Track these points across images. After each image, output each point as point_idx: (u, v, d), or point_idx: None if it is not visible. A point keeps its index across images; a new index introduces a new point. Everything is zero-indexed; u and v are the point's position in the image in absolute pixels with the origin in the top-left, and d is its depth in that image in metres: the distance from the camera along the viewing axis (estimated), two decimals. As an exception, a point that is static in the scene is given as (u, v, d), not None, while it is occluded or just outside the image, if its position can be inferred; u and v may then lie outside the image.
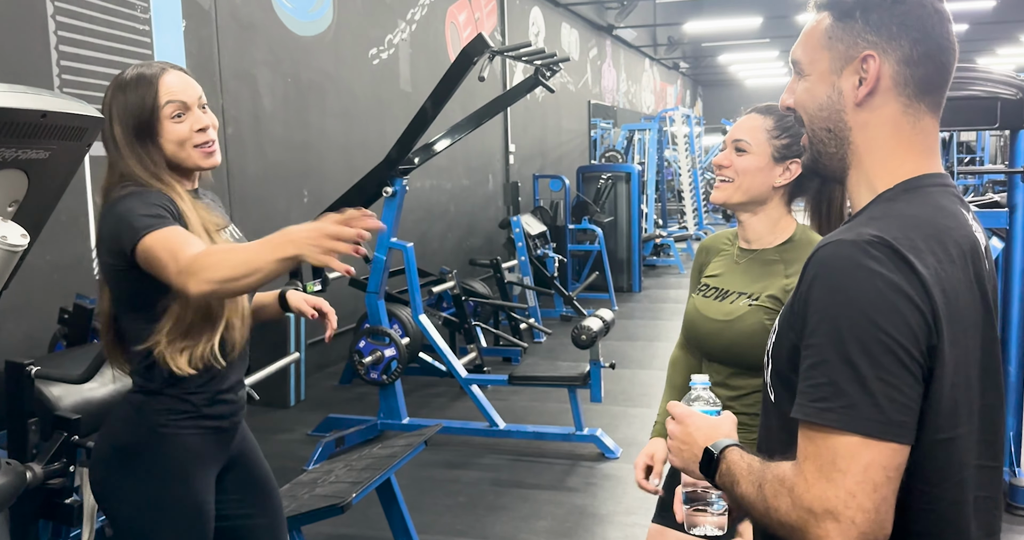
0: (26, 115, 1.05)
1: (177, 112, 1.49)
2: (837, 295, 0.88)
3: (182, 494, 1.53)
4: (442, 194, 7.57)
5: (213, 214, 1.58)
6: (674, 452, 1.08)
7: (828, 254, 0.91)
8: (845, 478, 0.84)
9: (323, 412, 4.52)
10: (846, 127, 1.00)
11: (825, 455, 0.86)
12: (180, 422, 1.53)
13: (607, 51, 14.00)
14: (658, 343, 6.30)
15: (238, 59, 4.82)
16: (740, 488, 0.95)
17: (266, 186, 5.08)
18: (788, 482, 0.89)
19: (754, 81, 25.34)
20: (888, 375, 0.85)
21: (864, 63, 0.97)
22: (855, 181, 1.02)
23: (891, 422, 0.85)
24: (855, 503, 0.84)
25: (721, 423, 1.08)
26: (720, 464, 0.99)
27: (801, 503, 0.87)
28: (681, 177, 12.07)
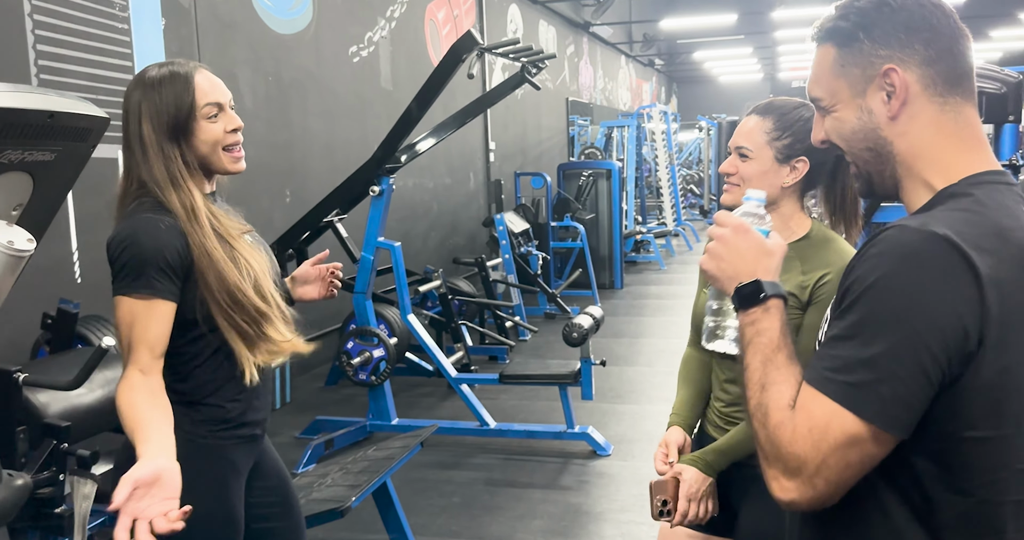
0: (33, 116, 1.01)
1: (213, 113, 1.46)
2: (887, 281, 0.87)
3: (219, 505, 1.49)
4: (424, 193, 7.53)
5: (232, 220, 1.54)
6: (713, 257, 1.05)
7: (891, 237, 0.90)
8: (828, 448, 0.88)
9: (310, 414, 4.47)
10: (886, 142, 0.99)
11: (818, 420, 0.89)
12: (220, 433, 1.50)
13: (584, 48, 14.02)
14: (643, 339, 6.31)
15: (219, 58, 4.75)
16: (751, 357, 0.97)
17: (248, 186, 5.01)
18: (777, 419, 0.92)
19: (728, 78, 25.51)
20: (903, 372, 0.85)
21: (887, 77, 0.97)
22: (911, 188, 1.00)
23: (887, 414, 0.86)
24: (825, 473, 0.88)
25: (774, 251, 1.05)
26: (756, 308, 0.99)
27: (778, 450, 0.91)
28: (659, 173, 12.12)
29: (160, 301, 1.39)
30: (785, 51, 20.25)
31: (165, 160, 1.43)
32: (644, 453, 3.86)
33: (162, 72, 1.46)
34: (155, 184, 1.43)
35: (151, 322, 1.39)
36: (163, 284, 1.39)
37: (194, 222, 1.43)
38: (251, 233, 1.61)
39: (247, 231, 1.56)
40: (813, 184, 1.59)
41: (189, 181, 1.46)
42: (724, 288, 1.04)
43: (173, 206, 1.43)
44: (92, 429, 2.52)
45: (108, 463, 2.61)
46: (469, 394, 4.15)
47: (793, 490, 0.90)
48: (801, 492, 0.89)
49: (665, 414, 1.85)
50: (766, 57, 21.81)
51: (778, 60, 22.54)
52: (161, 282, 1.38)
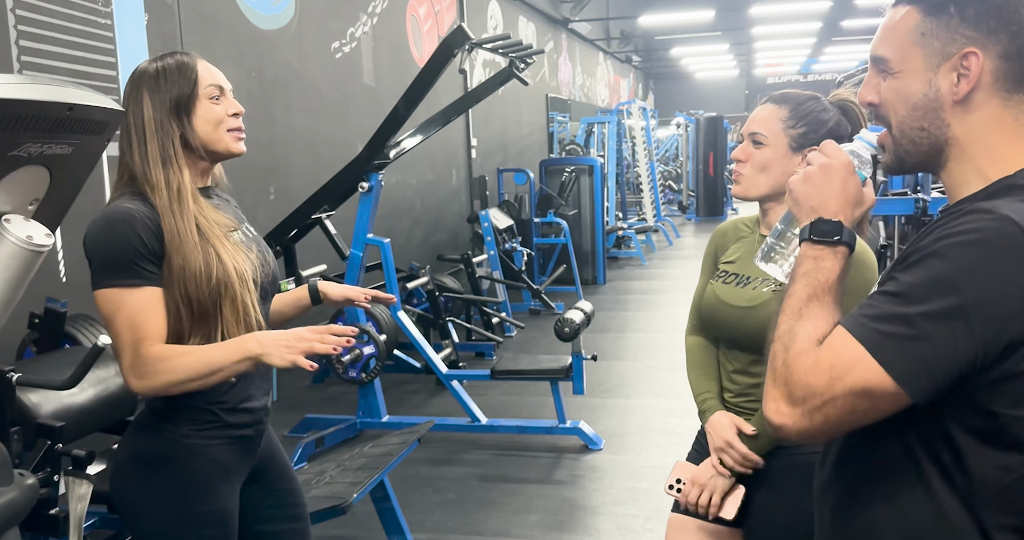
0: (54, 108, 1.00)
1: (215, 94, 1.48)
2: (949, 250, 0.87)
3: (207, 506, 1.47)
4: (408, 189, 7.50)
5: (222, 215, 1.52)
6: (807, 181, 1.03)
7: (963, 215, 0.90)
8: (842, 389, 0.88)
9: (297, 413, 4.44)
10: (943, 124, 0.98)
11: (843, 360, 0.89)
12: (204, 432, 1.48)
13: (563, 44, 14.03)
14: (628, 334, 6.34)
15: (201, 53, 4.62)
16: (798, 286, 0.97)
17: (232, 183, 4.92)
18: (802, 347, 0.92)
19: (704, 74, 25.68)
20: (937, 338, 0.86)
21: (964, 60, 0.95)
22: (958, 172, 1.00)
23: (911, 372, 0.87)
24: (827, 411, 0.89)
25: (865, 202, 1.04)
26: (826, 248, 0.98)
27: (791, 375, 0.91)
28: (638, 169, 12.17)
29: (153, 288, 1.38)
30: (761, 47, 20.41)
31: (163, 136, 1.42)
32: (636, 446, 3.88)
33: (165, 60, 1.48)
34: (145, 165, 1.41)
35: (153, 306, 1.37)
36: (150, 271, 1.38)
37: (175, 203, 1.41)
38: (245, 229, 1.58)
39: (234, 228, 1.53)
40: None
41: (182, 160, 1.45)
42: (801, 215, 1.03)
43: (158, 187, 1.41)
44: (85, 429, 2.49)
45: (102, 463, 2.59)
46: (460, 390, 4.14)
47: (789, 416, 0.91)
48: (796, 420, 0.90)
49: (655, 408, 1.85)
50: (742, 54, 21.97)
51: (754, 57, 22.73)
52: (148, 269, 1.38)
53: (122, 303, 1.36)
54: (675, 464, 1.70)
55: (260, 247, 1.59)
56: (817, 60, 23.64)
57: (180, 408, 1.46)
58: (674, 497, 1.69)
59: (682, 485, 1.66)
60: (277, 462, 1.67)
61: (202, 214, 1.46)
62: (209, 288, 1.41)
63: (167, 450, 1.46)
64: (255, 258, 1.52)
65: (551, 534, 3.03)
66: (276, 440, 1.71)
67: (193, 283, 1.40)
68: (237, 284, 1.44)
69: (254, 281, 1.49)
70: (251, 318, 1.47)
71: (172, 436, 1.46)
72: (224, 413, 1.49)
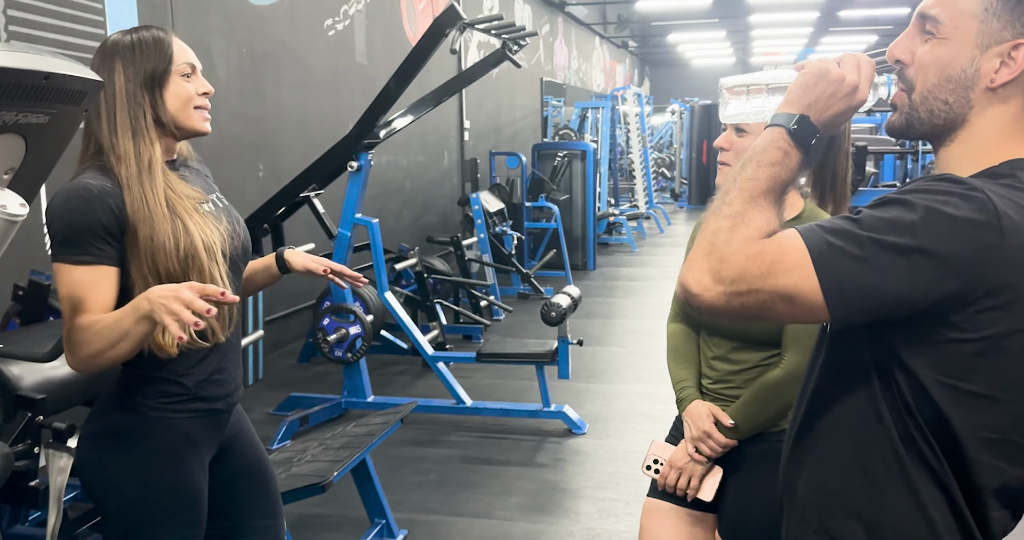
0: (29, 76, 0.98)
1: (187, 72, 1.48)
2: (918, 198, 0.89)
3: (174, 479, 1.47)
4: (398, 170, 7.47)
5: (190, 187, 1.51)
6: (821, 75, 0.99)
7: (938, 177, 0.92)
8: (771, 287, 0.89)
9: (283, 391, 4.44)
10: (967, 105, 0.98)
11: (788, 260, 0.90)
12: (172, 405, 1.48)
13: (559, 28, 13.95)
14: (616, 320, 6.36)
15: (192, 27, 4.65)
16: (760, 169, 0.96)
17: (220, 159, 4.92)
18: (749, 234, 0.92)
19: (701, 61, 25.58)
20: (879, 270, 0.87)
21: (1015, 50, 0.94)
22: (955, 153, 1.00)
23: (842, 290, 0.88)
24: (748, 300, 0.90)
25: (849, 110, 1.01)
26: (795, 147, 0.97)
27: (728, 255, 0.91)
28: (631, 156, 12.15)
29: (102, 267, 1.38)
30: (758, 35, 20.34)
31: (134, 108, 1.42)
32: (619, 431, 3.90)
33: (140, 33, 1.48)
34: (114, 135, 1.40)
35: (98, 285, 1.37)
36: (102, 250, 1.38)
37: (145, 174, 1.41)
38: (215, 199, 1.58)
39: (204, 200, 1.52)
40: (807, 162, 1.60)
41: (153, 133, 1.44)
42: (792, 98, 1.00)
43: (126, 157, 1.40)
44: (67, 402, 2.48)
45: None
46: (446, 372, 4.15)
47: (709, 290, 0.91)
48: (714, 297, 0.91)
49: (639, 394, 1.86)
50: (739, 41, 21.89)
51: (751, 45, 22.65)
52: (100, 248, 1.37)
53: (70, 278, 1.36)
54: (652, 443, 1.71)
55: (230, 217, 1.58)
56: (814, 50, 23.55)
57: (148, 381, 1.46)
58: (651, 477, 1.70)
59: (660, 466, 1.67)
60: (247, 439, 1.67)
61: (170, 187, 1.45)
62: (178, 259, 1.40)
63: (134, 423, 1.46)
64: (224, 229, 1.52)
65: (531, 516, 3.05)
66: (246, 417, 1.70)
67: (162, 254, 1.39)
68: (204, 256, 1.43)
69: (223, 253, 1.49)
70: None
71: (140, 409, 1.46)
72: (193, 386, 1.49)
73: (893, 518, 0.97)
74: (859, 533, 0.99)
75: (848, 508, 1.00)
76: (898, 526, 0.97)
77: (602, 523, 2.99)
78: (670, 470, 1.64)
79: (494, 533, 2.92)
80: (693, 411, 1.63)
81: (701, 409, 1.61)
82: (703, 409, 1.61)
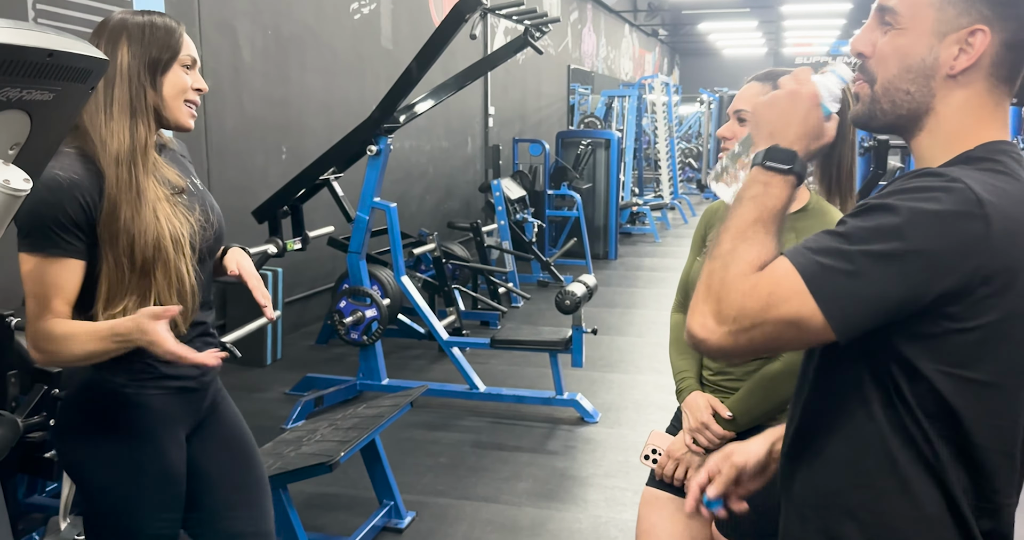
0: (33, 53, 0.99)
1: (189, 64, 1.49)
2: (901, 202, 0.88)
3: (150, 456, 1.49)
4: (421, 155, 7.48)
5: (172, 170, 1.51)
6: (771, 106, 1.02)
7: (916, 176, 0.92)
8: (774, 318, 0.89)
9: (300, 372, 4.49)
10: (930, 93, 0.98)
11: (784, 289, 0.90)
12: (140, 382, 1.48)
13: (588, 15, 13.85)
14: (635, 310, 6.34)
15: (219, 8, 4.68)
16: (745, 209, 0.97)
17: (244, 141, 4.97)
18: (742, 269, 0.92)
19: (732, 51, 25.30)
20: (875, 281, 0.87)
21: (971, 36, 0.95)
22: (927, 143, 1.00)
23: (840, 307, 0.88)
24: (753, 334, 0.90)
25: (823, 137, 1.02)
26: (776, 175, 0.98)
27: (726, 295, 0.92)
28: (658, 145, 12.06)
29: (70, 260, 1.38)
30: (791, 26, 20.07)
31: (136, 87, 1.43)
32: (631, 421, 3.90)
33: (152, 18, 1.47)
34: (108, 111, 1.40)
35: (61, 278, 1.38)
36: (70, 243, 1.37)
37: (139, 153, 1.41)
38: (189, 186, 1.56)
39: (182, 190, 1.51)
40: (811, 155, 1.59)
41: (150, 114, 1.45)
42: (758, 139, 1.02)
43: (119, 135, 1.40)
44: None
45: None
46: (460, 357, 4.17)
47: (714, 333, 0.92)
48: (720, 338, 0.92)
49: (654, 384, 1.86)
50: (771, 32, 21.61)
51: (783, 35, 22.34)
52: (68, 241, 1.37)
53: (35, 270, 1.36)
54: (651, 433, 1.72)
55: (205, 204, 1.57)
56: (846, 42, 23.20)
57: (117, 359, 1.45)
58: (649, 467, 1.70)
59: (657, 456, 1.67)
60: (225, 417, 1.65)
61: (157, 169, 1.47)
62: (153, 244, 1.41)
63: (106, 403, 1.47)
64: (195, 220, 1.51)
65: (539, 502, 3.06)
66: (227, 397, 1.69)
67: (140, 236, 1.40)
68: (171, 249, 1.44)
69: (191, 245, 1.49)
70: (184, 284, 1.48)
71: (110, 386, 1.47)
72: (160, 364, 1.48)
73: (888, 517, 0.96)
74: (856, 533, 0.98)
75: (845, 507, 0.99)
76: (894, 524, 0.97)
77: (609, 511, 3.00)
78: (668, 460, 1.64)
79: (501, 517, 2.94)
80: (692, 402, 1.63)
81: (700, 400, 1.61)
82: (702, 400, 1.61)
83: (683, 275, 1.77)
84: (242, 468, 1.66)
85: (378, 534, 2.81)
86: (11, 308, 2.41)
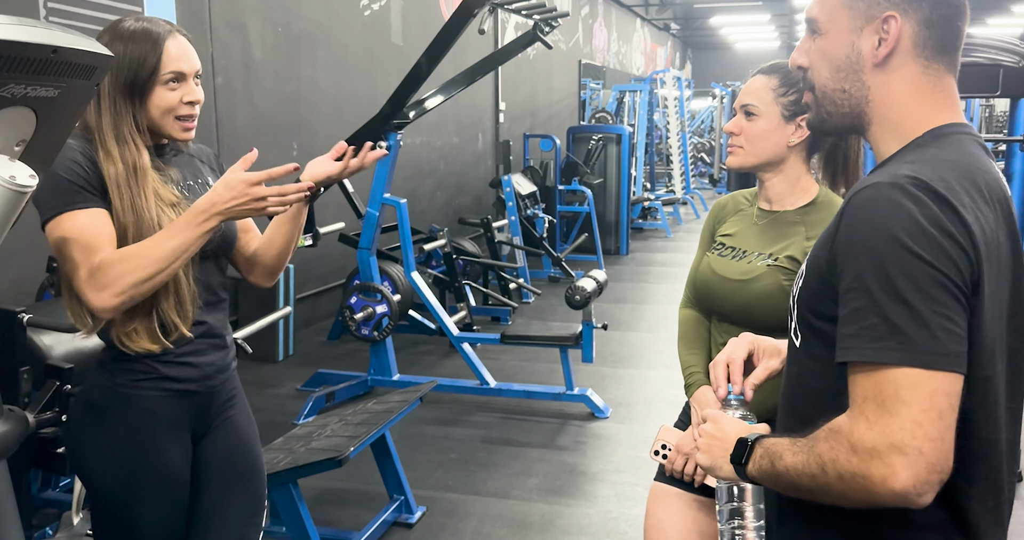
0: (37, 50, 0.99)
1: (173, 79, 1.46)
2: (879, 235, 0.87)
3: (147, 456, 1.49)
4: (432, 151, 7.48)
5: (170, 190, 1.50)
6: (703, 449, 1.08)
7: (866, 196, 0.91)
8: (910, 408, 0.84)
9: (312, 367, 4.51)
10: (864, 86, 1.01)
11: (887, 391, 0.85)
12: (141, 382, 1.49)
13: (599, 9, 13.80)
14: (646, 306, 6.33)
15: (229, 6, 4.69)
16: (784, 461, 0.94)
17: (255, 138, 4.98)
18: (845, 429, 0.88)
19: (745, 45, 25.14)
20: (941, 307, 0.85)
21: (885, 23, 0.98)
22: (879, 134, 1.03)
23: (950, 352, 0.85)
24: (922, 432, 0.83)
25: (757, 427, 1.08)
26: (756, 449, 1.00)
27: (863, 444, 0.85)
28: (670, 140, 12.01)
29: (97, 209, 1.40)
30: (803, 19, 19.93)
31: (115, 116, 1.43)
32: (641, 416, 3.89)
33: (136, 26, 1.45)
34: (100, 130, 1.43)
35: (99, 224, 1.38)
36: (91, 198, 1.40)
37: (132, 179, 1.43)
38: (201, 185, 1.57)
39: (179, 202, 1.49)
40: (819, 144, 1.59)
41: (137, 139, 1.45)
42: (720, 467, 1.05)
43: (113, 159, 1.42)
44: (95, 372, 2.54)
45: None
46: (470, 353, 4.17)
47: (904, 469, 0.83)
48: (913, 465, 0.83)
49: (665, 379, 1.85)
50: (783, 25, 21.45)
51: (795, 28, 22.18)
52: (88, 191, 1.40)
53: (71, 224, 1.36)
54: (660, 428, 1.71)
55: None
56: (861, 34, 23.08)
57: (119, 359, 1.48)
58: (659, 462, 1.70)
59: (667, 451, 1.67)
60: (234, 427, 1.63)
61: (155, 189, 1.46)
62: None
63: (105, 401, 1.48)
64: None
65: (549, 498, 3.06)
66: (244, 404, 1.66)
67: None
68: None
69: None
70: (183, 292, 1.48)
71: (111, 386, 1.48)
72: (159, 365, 1.49)
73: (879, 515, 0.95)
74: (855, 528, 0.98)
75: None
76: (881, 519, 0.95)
77: (619, 506, 3.00)
78: (677, 455, 1.64)
79: (512, 513, 2.95)
80: (700, 397, 1.62)
81: (708, 395, 1.61)
82: (710, 395, 1.60)
83: (691, 271, 1.76)
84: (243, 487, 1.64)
85: (388, 529, 2.82)
86: (23, 305, 2.43)
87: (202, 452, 1.60)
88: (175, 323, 1.47)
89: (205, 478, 1.60)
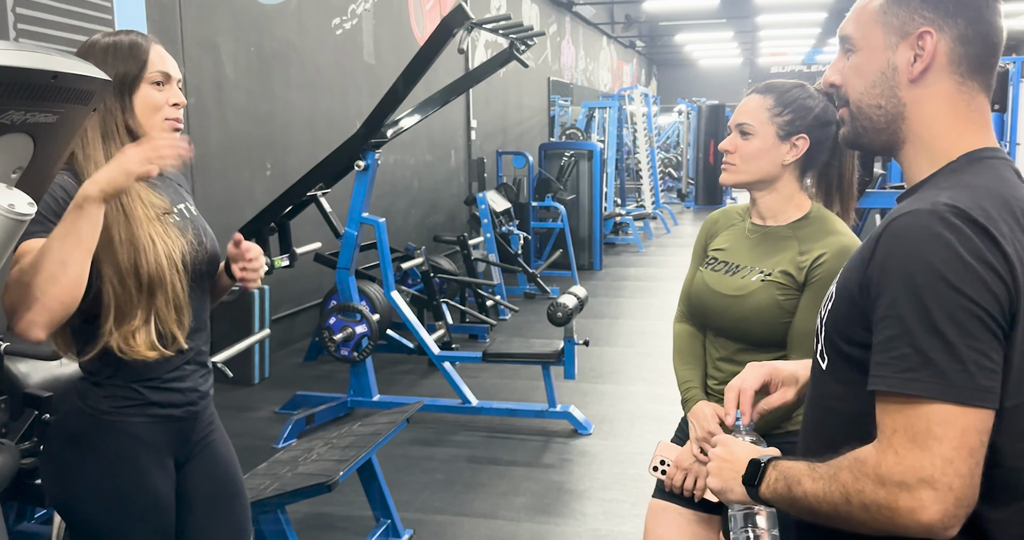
0: (38, 76, 0.98)
1: (159, 80, 1.47)
2: (917, 264, 0.87)
3: (135, 484, 1.46)
4: (406, 169, 7.47)
5: (156, 196, 1.49)
6: (714, 472, 1.08)
7: (904, 224, 0.90)
8: (942, 445, 0.84)
9: (289, 390, 4.45)
10: (900, 103, 1.01)
11: (918, 424, 0.85)
12: (124, 409, 1.46)
13: (566, 27, 13.94)
14: (622, 320, 6.35)
15: (201, 26, 4.65)
16: (803, 487, 0.94)
17: (229, 157, 4.94)
18: (872, 460, 0.88)
19: (708, 62, 25.54)
20: (976, 342, 0.85)
21: (920, 39, 0.98)
22: (912, 154, 1.03)
23: (982, 388, 0.85)
24: (952, 469, 0.83)
25: (768, 450, 1.08)
26: (769, 471, 0.99)
27: (891, 477, 0.85)
28: (638, 156, 12.13)
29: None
30: (766, 36, 20.29)
31: (104, 112, 1.42)
32: (625, 432, 3.89)
33: (118, 36, 1.47)
34: (84, 136, 1.39)
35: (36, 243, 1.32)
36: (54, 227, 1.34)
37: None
38: (184, 209, 1.56)
39: (167, 211, 1.49)
40: (813, 163, 1.60)
41: (125, 138, 1.44)
42: (731, 490, 1.05)
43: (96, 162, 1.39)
44: (74, 401, 2.48)
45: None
46: (451, 372, 4.14)
47: (933, 503, 0.83)
48: (942, 500, 0.83)
49: (646, 394, 1.85)
50: (746, 42, 21.84)
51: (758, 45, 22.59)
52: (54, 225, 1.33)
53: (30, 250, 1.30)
54: (658, 444, 1.71)
55: (196, 228, 1.56)
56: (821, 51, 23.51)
57: (102, 385, 1.44)
58: (658, 478, 1.70)
59: (666, 467, 1.67)
60: (215, 451, 1.61)
61: (138, 194, 1.44)
62: (155, 261, 1.40)
63: (88, 428, 1.44)
64: (187, 242, 1.50)
65: (537, 517, 3.04)
66: (220, 429, 1.65)
67: (143, 254, 1.39)
68: (166, 265, 1.43)
69: (184, 264, 1.47)
70: (180, 300, 1.46)
71: (93, 414, 1.44)
72: (147, 390, 1.47)
73: None
74: None
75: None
76: None
77: (608, 524, 2.99)
78: (676, 471, 1.64)
79: (500, 533, 2.92)
80: (698, 412, 1.62)
81: (706, 410, 1.61)
82: (708, 410, 1.60)
83: (685, 285, 1.77)
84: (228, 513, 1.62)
85: (376, 553, 2.78)
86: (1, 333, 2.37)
87: (185, 478, 1.57)
88: (173, 333, 1.45)
89: (189, 505, 1.57)
